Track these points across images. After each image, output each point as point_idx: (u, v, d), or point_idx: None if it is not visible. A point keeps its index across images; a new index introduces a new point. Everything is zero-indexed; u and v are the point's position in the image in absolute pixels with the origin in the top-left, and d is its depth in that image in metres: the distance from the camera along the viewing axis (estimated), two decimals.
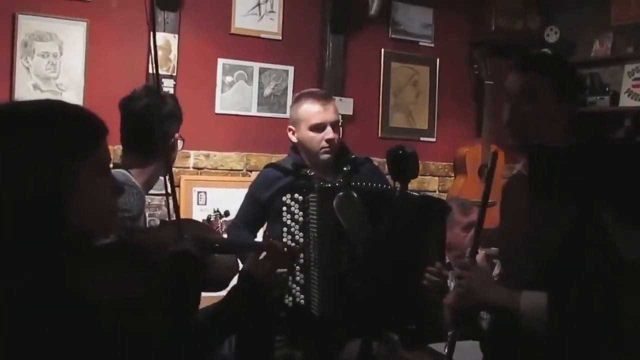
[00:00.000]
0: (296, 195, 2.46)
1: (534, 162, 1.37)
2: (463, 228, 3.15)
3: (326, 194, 2.35)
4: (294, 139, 2.74)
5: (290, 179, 2.66)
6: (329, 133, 2.63)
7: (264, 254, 1.66)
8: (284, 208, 2.46)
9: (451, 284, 3.16)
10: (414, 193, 2.58)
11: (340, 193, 1.54)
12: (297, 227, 2.46)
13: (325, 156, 2.65)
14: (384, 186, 2.58)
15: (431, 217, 2.42)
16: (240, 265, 1.82)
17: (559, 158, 1.32)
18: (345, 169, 2.65)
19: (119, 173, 2.11)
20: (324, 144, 2.64)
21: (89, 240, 1.25)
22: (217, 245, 1.73)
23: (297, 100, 2.77)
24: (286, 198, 2.47)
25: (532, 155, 1.38)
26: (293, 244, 2.45)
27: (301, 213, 2.45)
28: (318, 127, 2.64)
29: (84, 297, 1.13)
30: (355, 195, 1.52)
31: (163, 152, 2.12)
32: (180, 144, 2.31)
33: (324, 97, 2.72)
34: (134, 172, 2.17)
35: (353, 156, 2.76)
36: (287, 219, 2.46)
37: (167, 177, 1.62)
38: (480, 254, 3.08)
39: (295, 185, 2.54)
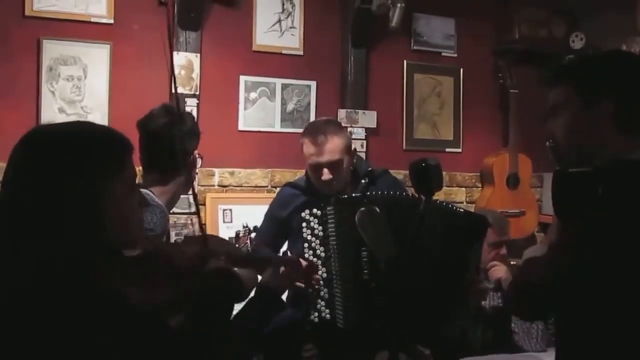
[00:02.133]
0: (315, 210, 2.45)
1: (554, 185, 1.41)
2: (491, 244, 3.08)
3: (343, 206, 2.36)
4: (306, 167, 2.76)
5: (308, 196, 2.67)
6: (325, 174, 2.62)
7: (282, 268, 1.66)
8: (304, 224, 2.46)
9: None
10: (449, 205, 2.54)
11: (362, 208, 1.51)
12: (317, 241, 2.44)
13: (328, 190, 2.63)
14: (404, 194, 2.54)
15: (465, 233, 2.38)
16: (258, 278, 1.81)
17: (578, 180, 1.35)
18: (363, 181, 2.64)
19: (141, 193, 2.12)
20: (321, 183, 2.64)
21: (120, 251, 1.34)
22: (239, 258, 1.74)
23: (302, 131, 2.78)
24: (305, 214, 2.47)
25: (554, 178, 1.41)
26: (315, 259, 2.44)
27: (321, 227, 2.44)
28: (313, 169, 2.66)
29: (118, 305, 1.20)
30: (377, 210, 1.49)
31: (184, 170, 2.12)
32: (199, 162, 2.31)
33: (319, 138, 2.63)
34: (156, 192, 2.18)
35: (370, 168, 2.74)
36: (308, 234, 2.45)
37: (193, 196, 1.65)
38: (503, 268, 3.03)
39: (313, 201, 2.54)
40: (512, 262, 3.15)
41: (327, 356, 2.62)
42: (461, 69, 4.41)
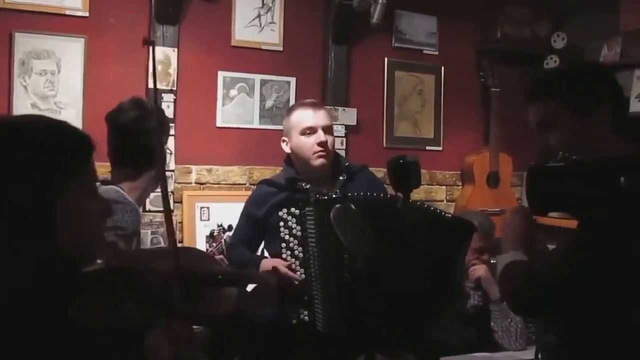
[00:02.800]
0: (293, 210, 2.40)
1: (530, 180, 1.43)
2: (475, 249, 3.04)
3: (323, 206, 2.31)
4: (287, 149, 2.71)
5: (285, 194, 2.61)
6: (320, 136, 2.59)
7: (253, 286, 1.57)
8: (281, 223, 2.41)
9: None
10: (436, 210, 2.49)
11: (338, 206, 1.46)
12: (295, 242, 2.40)
13: (319, 161, 2.59)
14: (382, 195, 2.49)
15: (452, 239, 2.33)
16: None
17: (553, 175, 1.38)
18: (341, 178, 2.60)
19: (111, 190, 2.06)
20: (316, 147, 2.59)
21: (74, 266, 1.17)
22: (216, 277, 1.60)
23: (288, 110, 2.80)
24: (282, 213, 2.41)
25: (529, 174, 1.44)
26: (293, 260, 2.39)
27: (299, 227, 2.39)
28: (310, 131, 2.61)
29: (68, 326, 1.07)
30: (353, 207, 1.45)
31: (154, 164, 2.07)
32: (168, 156, 2.26)
33: (314, 104, 2.71)
34: (126, 188, 2.12)
35: (347, 164, 2.71)
36: (285, 234, 2.41)
37: (163, 195, 1.51)
38: (483, 267, 3.01)
39: (291, 199, 2.48)
40: (492, 261, 3.13)
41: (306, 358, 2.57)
42: (442, 67, 4.38)
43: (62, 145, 1.16)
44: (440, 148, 4.39)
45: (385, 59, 4.21)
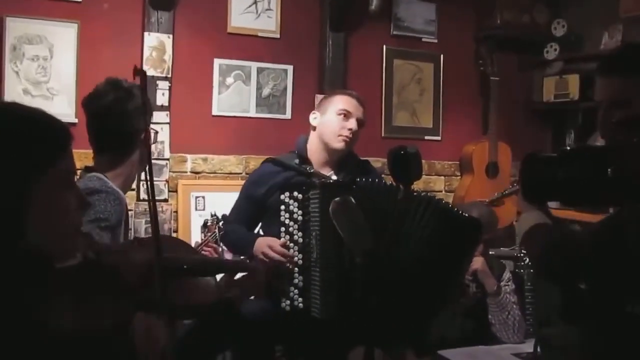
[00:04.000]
0: (295, 194, 2.37)
1: (525, 169, 1.43)
2: None
3: (329, 191, 2.29)
4: (314, 122, 2.75)
5: (287, 175, 2.59)
6: (352, 123, 2.68)
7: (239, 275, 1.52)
8: (282, 207, 2.38)
9: None
10: (445, 203, 2.48)
11: (337, 199, 1.42)
12: (296, 226, 2.37)
13: (341, 144, 2.66)
14: (389, 183, 2.43)
15: (458, 236, 2.28)
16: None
17: (545, 164, 1.38)
18: (346, 168, 2.60)
19: (94, 178, 1.99)
20: (344, 131, 2.66)
21: (50, 261, 1.12)
22: (186, 267, 1.54)
23: (332, 91, 2.95)
24: (284, 196, 2.38)
25: (524, 162, 1.43)
26: (292, 245, 2.36)
27: (300, 212, 2.37)
28: (345, 114, 2.68)
29: (43, 325, 1.02)
30: (353, 200, 1.41)
31: (137, 148, 1.99)
32: (153, 136, 2.17)
33: (359, 97, 2.80)
34: (110, 175, 2.04)
35: (349, 155, 2.74)
36: (286, 218, 2.38)
37: (150, 183, 1.43)
38: (480, 259, 2.97)
39: (294, 183, 2.46)
40: (490, 252, 3.11)
41: (298, 350, 2.54)
42: (441, 55, 4.32)
43: (35, 135, 1.10)
44: (438, 138, 4.34)
45: (384, 46, 4.15)
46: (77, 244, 1.19)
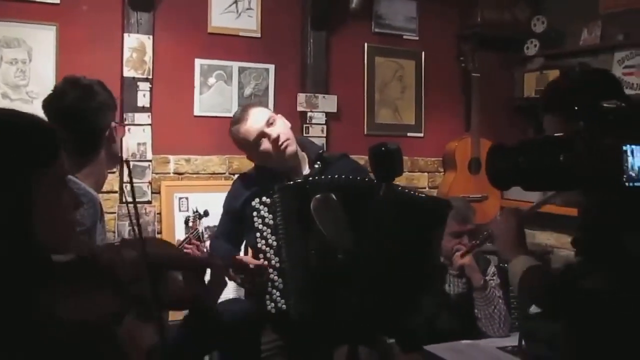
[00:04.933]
0: (264, 199, 2.37)
1: (490, 158, 1.55)
2: (452, 233, 3.02)
3: (287, 192, 2.31)
4: (258, 163, 2.63)
5: (259, 185, 2.55)
6: (271, 134, 2.48)
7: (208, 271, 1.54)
8: (254, 213, 2.38)
9: (450, 286, 3.08)
10: (409, 191, 2.48)
11: (318, 196, 1.42)
12: (269, 230, 2.37)
13: (287, 150, 2.49)
14: (350, 177, 2.40)
15: (427, 219, 2.31)
16: None
17: (508, 153, 1.49)
18: (315, 166, 2.56)
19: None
20: (275, 145, 2.48)
21: (48, 257, 1.20)
22: (164, 263, 1.53)
23: (231, 134, 2.63)
24: (255, 203, 2.39)
25: (489, 152, 1.55)
26: (267, 249, 2.37)
27: (271, 216, 2.36)
28: (257, 141, 2.50)
29: (43, 316, 1.09)
30: (334, 198, 1.40)
31: (102, 145, 1.98)
32: (121, 132, 2.15)
33: (241, 113, 2.58)
34: (80, 176, 2.00)
35: (321, 151, 2.65)
36: (259, 223, 2.38)
37: (130, 185, 1.47)
38: (468, 258, 2.99)
39: (263, 189, 2.44)
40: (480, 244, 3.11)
41: (288, 348, 2.55)
42: (423, 53, 4.34)
43: (32, 138, 1.18)
44: (421, 134, 4.36)
45: (365, 44, 4.16)
46: (72, 239, 1.28)
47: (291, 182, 2.41)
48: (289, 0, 3.94)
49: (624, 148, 1.37)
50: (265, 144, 2.51)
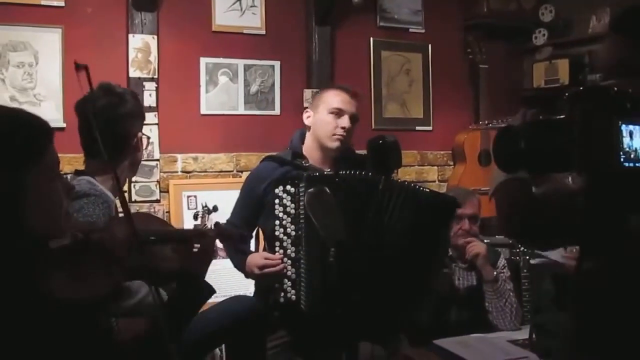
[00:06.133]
0: (288, 187, 2.38)
1: (496, 141, 1.49)
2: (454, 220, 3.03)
3: (314, 184, 2.27)
4: (307, 121, 2.71)
5: (284, 170, 2.58)
6: (344, 121, 2.62)
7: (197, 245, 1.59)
8: (277, 201, 2.38)
9: (455, 278, 3.07)
10: (416, 186, 2.47)
11: (311, 190, 1.41)
12: (289, 219, 2.37)
13: (335, 144, 2.61)
14: (371, 174, 2.38)
15: (433, 216, 2.30)
16: None
17: (516, 135, 1.44)
18: (343, 162, 2.59)
19: (83, 181, 2.01)
20: (338, 130, 2.61)
21: (43, 242, 1.26)
22: (152, 237, 1.65)
23: (325, 88, 2.84)
24: (278, 190, 2.39)
25: (496, 135, 1.49)
26: (285, 237, 2.37)
27: (293, 205, 2.36)
28: (338, 112, 2.62)
29: (41, 299, 1.16)
30: (328, 191, 1.40)
31: (127, 154, 2.00)
32: (144, 142, 2.19)
33: (351, 90, 2.73)
34: (99, 178, 2.05)
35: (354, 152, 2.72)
36: (280, 211, 2.38)
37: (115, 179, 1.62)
38: (482, 246, 2.97)
39: (287, 177, 2.46)
40: (485, 240, 3.09)
41: (295, 344, 2.54)
42: (429, 45, 4.31)
43: (20, 131, 1.24)
44: (430, 128, 4.33)
45: (371, 39, 4.14)
46: (66, 225, 1.33)
47: (317, 173, 2.43)
48: None
49: (622, 128, 1.34)
50: (334, 119, 2.61)
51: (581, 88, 1.51)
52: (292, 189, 2.37)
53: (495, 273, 2.94)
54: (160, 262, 1.52)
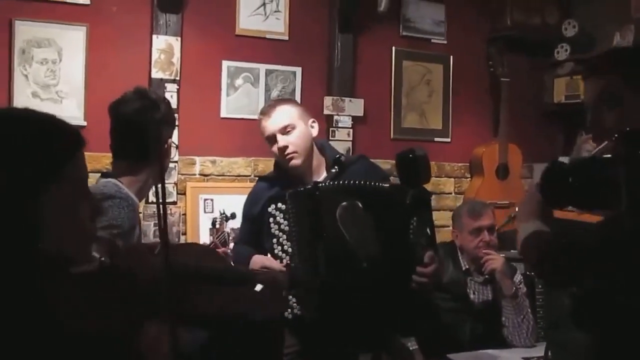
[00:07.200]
0: (279, 205, 2.38)
1: (544, 176, 1.51)
2: (471, 232, 3.05)
3: (297, 199, 2.32)
4: None
5: (276, 189, 2.56)
6: (279, 142, 2.52)
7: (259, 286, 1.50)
8: (271, 219, 2.39)
9: (470, 292, 3.04)
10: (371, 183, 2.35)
11: (344, 204, 1.40)
12: (284, 237, 2.38)
13: (290, 163, 2.52)
14: (357, 182, 2.31)
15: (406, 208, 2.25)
16: None
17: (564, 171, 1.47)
18: (333, 170, 2.54)
19: (109, 183, 2.01)
20: (281, 154, 2.53)
21: (65, 268, 1.11)
22: (219, 277, 1.54)
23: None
24: (271, 209, 2.39)
25: (545, 170, 1.51)
26: (283, 255, 2.37)
27: (286, 222, 2.37)
28: (270, 140, 2.56)
29: (60, 331, 1.01)
30: (360, 205, 1.38)
31: (156, 158, 2.00)
32: (173, 151, 2.19)
33: (265, 109, 2.62)
34: (125, 181, 2.05)
35: (338, 155, 2.62)
36: (275, 229, 2.39)
37: (161, 189, 1.41)
38: (500, 259, 2.96)
39: (278, 195, 2.44)
40: (501, 255, 3.08)
41: (305, 354, 2.53)
42: (451, 57, 4.29)
43: (46, 140, 1.09)
44: (448, 139, 4.31)
45: (393, 48, 4.12)
46: (91, 250, 1.18)
47: (301, 188, 2.39)
48: (317, 2, 3.93)
49: None
50: (274, 147, 2.55)
51: (628, 129, 1.50)
52: (283, 206, 2.37)
53: (514, 288, 2.93)
54: (197, 304, 1.39)
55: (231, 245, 2.91)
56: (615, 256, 1.50)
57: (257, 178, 3.66)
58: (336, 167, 2.55)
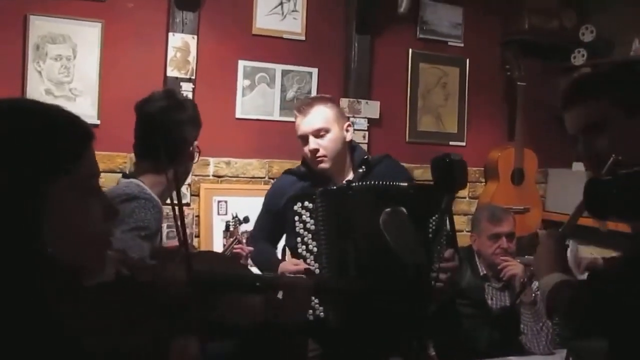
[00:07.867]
0: (306, 203, 2.33)
1: (586, 191, 1.44)
2: (490, 237, 3.04)
3: (328, 198, 2.28)
4: None
5: (303, 184, 2.54)
6: (311, 144, 2.49)
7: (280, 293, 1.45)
8: (296, 217, 2.34)
9: (488, 297, 3.01)
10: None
11: (387, 210, 1.35)
12: (309, 236, 2.33)
13: (319, 166, 2.51)
14: (389, 183, 2.32)
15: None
16: None
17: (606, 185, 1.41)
18: (360, 170, 2.53)
19: (132, 184, 1.96)
20: (311, 156, 2.50)
21: (78, 279, 1.00)
22: (252, 284, 1.49)
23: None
24: (297, 207, 2.34)
25: (586, 185, 1.45)
26: (308, 254, 2.33)
27: (312, 221, 2.32)
28: (302, 139, 2.53)
29: (70, 343, 0.92)
30: (404, 211, 1.34)
31: (180, 160, 1.96)
32: (197, 155, 2.14)
33: (302, 107, 2.56)
34: (148, 182, 2.02)
35: (365, 157, 2.59)
36: (300, 228, 2.34)
37: (176, 191, 1.32)
38: (519, 266, 2.92)
39: (305, 193, 2.40)
40: (517, 260, 3.05)
41: (328, 357, 2.50)
42: (467, 60, 4.25)
43: (48, 134, 0.98)
44: (463, 143, 4.26)
45: (410, 50, 4.08)
46: (105, 255, 1.08)
47: (333, 187, 2.38)
48: (335, 3, 3.88)
49: None
50: (305, 148, 2.53)
51: None
52: (310, 205, 2.33)
53: (533, 295, 2.89)
54: (228, 315, 1.32)
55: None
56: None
57: (272, 180, 3.65)
58: (363, 167, 2.53)
